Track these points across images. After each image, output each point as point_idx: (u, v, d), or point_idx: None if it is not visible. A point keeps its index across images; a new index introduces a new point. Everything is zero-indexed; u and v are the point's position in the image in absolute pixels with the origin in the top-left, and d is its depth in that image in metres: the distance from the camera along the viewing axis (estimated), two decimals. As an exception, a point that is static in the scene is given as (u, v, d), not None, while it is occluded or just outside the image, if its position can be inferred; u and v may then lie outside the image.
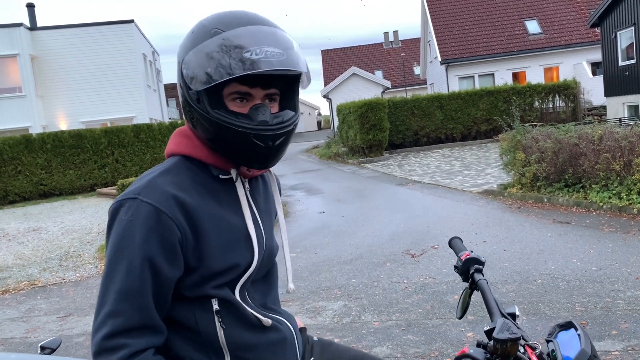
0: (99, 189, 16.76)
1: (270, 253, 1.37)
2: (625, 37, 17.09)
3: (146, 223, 1.13)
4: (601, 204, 7.79)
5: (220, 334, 1.22)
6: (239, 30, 1.15)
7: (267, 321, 1.28)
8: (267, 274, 1.39)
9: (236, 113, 1.19)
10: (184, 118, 1.30)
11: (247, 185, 1.33)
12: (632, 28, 16.44)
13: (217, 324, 1.22)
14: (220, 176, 1.28)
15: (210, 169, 1.27)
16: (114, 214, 1.18)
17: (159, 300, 1.17)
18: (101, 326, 1.12)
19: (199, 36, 1.19)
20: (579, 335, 1.11)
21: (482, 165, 14.19)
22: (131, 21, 25.13)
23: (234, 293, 1.25)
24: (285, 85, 1.28)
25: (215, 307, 1.22)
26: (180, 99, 1.26)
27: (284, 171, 18.68)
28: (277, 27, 1.22)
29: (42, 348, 1.78)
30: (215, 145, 1.23)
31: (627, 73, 16.99)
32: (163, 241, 1.14)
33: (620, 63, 17.36)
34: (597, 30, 19.84)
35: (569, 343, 1.11)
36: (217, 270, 1.21)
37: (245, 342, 1.25)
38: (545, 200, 8.79)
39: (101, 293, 1.15)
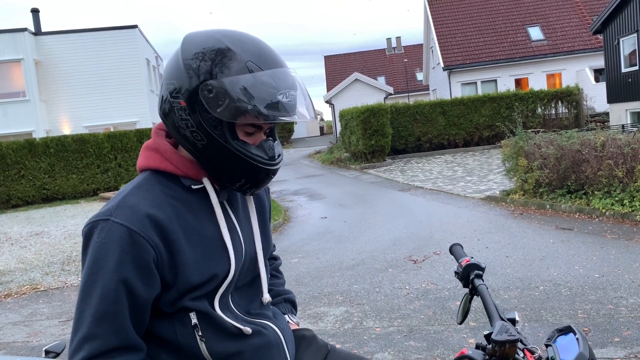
0: (102, 194, 16.81)
1: (253, 259, 1.36)
2: (628, 44, 17.10)
3: (119, 245, 1.13)
4: (604, 210, 7.78)
5: (202, 346, 1.23)
6: (273, 71, 1.19)
7: (247, 330, 1.27)
8: (255, 280, 1.38)
9: (250, 145, 1.23)
10: (169, 131, 1.27)
11: (222, 194, 1.33)
12: (635, 35, 16.45)
13: (197, 337, 1.23)
14: (192, 187, 1.27)
15: (181, 180, 1.27)
16: (87, 236, 1.17)
17: (136, 321, 1.17)
18: (77, 350, 1.11)
19: (229, 64, 1.17)
20: (577, 339, 1.12)
21: (485, 171, 14.19)
22: (135, 26, 25.25)
23: (212, 303, 1.25)
24: None
25: (194, 321, 1.23)
26: (177, 114, 1.21)
27: (286, 176, 18.71)
28: (287, 67, 1.26)
29: (47, 352, 1.79)
30: (213, 168, 1.24)
31: (629, 80, 16.99)
32: (137, 262, 1.14)
33: (623, 70, 17.36)
34: (600, 36, 19.85)
35: (567, 347, 1.12)
36: (194, 283, 1.20)
37: (229, 351, 1.26)
38: (548, 206, 8.79)
39: (76, 317, 1.14)
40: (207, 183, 1.28)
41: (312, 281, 6.01)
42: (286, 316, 1.57)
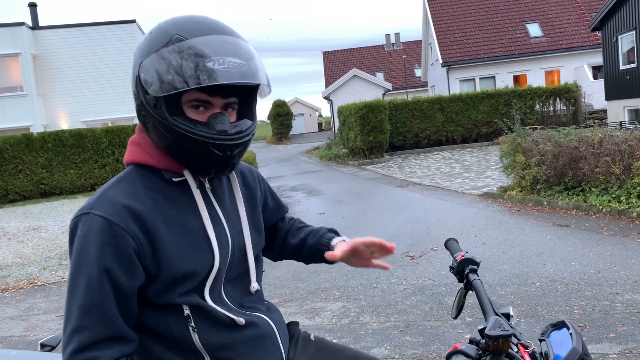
0: (100, 189, 16.78)
1: (242, 251, 1.36)
2: (626, 41, 17.11)
3: (100, 236, 1.14)
4: (601, 207, 7.80)
5: (195, 337, 1.24)
6: (202, 38, 1.15)
7: (240, 320, 1.28)
8: (247, 271, 1.38)
9: (195, 121, 1.19)
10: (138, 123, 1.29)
11: (207, 185, 1.33)
12: (634, 32, 16.46)
13: (190, 328, 1.24)
14: (173, 179, 1.27)
15: (162, 174, 1.27)
16: (72, 231, 1.19)
17: (124, 311, 1.17)
18: (69, 343, 1.13)
19: (159, 40, 1.18)
20: (570, 334, 1.13)
21: (482, 167, 14.20)
22: (133, 21, 25.19)
23: (203, 296, 1.25)
24: (244, 94, 1.29)
25: (186, 312, 1.23)
26: (135, 103, 1.24)
27: (284, 172, 18.71)
28: (239, 37, 1.22)
29: (42, 345, 1.79)
30: (171, 151, 1.23)
31: (627, 77, 17.01)
32: (118, 252, 1.15)
33: (621, 67, 17.38)
34: (599, 33, 19.86)
35: (561, 342, 1.13)
36: (178, 275, 1.21)
37: (222, 342, 1.26)
38: (545, 203, 8.80)
39: (66, 310, 1.16)
40: (188, 175, 1.28)
41: (309, 277, 6.03)
42: (335, 239, 1.51)
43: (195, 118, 1.20)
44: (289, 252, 1.63)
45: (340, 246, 1.44)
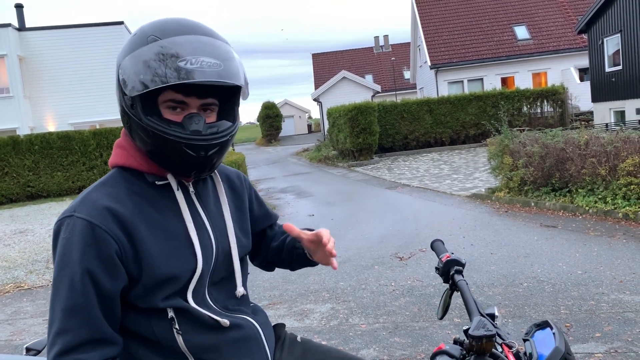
0: (87, 191, 16.63)
1: (227, 255, 1.35)
2: (612, 44, 17.31)
3: (82, 239, 1.15)
4: (587, 208, 7.88)
5: (179, 339, 1.24)
6: (176, 38, 1.16)
7: (224, 322, 1.28)
8: (232, 275, 1.37)
9: (169, 121, 1.19)
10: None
11: (191, 189, 1.33)
12: (619, 35, 16.65)
13: (174, 330, 1.23)
14: (156, 182, 1.27)
15: (146, 177, 1.27)
16: (55, 234, 1.20)
17: (107, 313, 1.17)
18: (53, 345, 1.13)
19: (137, 42, 1.19)
20: (554, 334, 1.14)
21: (471, 169, 14.28)
22: (121, 22, 25.05)
23: (186, 299, 1.24)
24: (224, 95, 1.28)
25: (170, 314, 1.23)
26: (119, 105, 1.25)
27: (274, 174, 18.69)
28: (217, 38, 1.22)
29: (28, 349, 1.78)
30: (150, 153, 1.23)
31: (613, 79, 17.20)
32: (100, 254, 1.15)
33: (607, 69, 17.58)
34: (585, 36, 20.07)
35: (544, 341, 1.15)
36: (160, 278, 1.20)
37: (206, 344, 1.26)
38: (532, 204, 8.88)
39: (50, 313, 1.16)
40: (171, 179, 1.28)
41: (298, 278, 6.02)
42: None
43: (170, 118, 1.20)
44: (273, 255, 1.61)
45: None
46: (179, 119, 1.21)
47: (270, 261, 1.64)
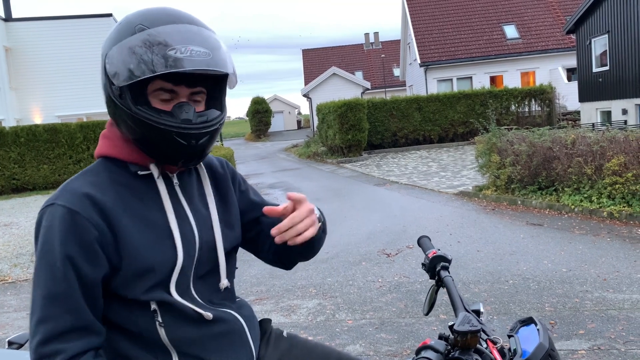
0: (74, 185, 16.48)
1: (211, 247, 1.33)
2: (599, 44, 17.47)
3: (62, 226, 1.14)
4: (573, 206, 7.96)
5: (162, 332, 1.23)
6: (164, 27, 1.15)
7: (207, 315, 1.27)
8: (216, 268, 1.35)
9: (159, 110, 1.19)
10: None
11: (175, 180, 1.32)
12: (606, 35, 16.81)
13: (157, 323, 1.23)
14: (138, 172, 1.27)
15: (128, 167, 1.27)
16: (38, 223, 1.19)
17: (89, 301, 1.16)
18: (35, 334, 1.12)
19: (124, 31, 1.18)
20: (538, 330, 1.15)
21: (459, 167, 14.36)
22: (109, 15, 24.81)
23: (169, 292, 1.23)
24: (212, 84, 1.28)
25: (153, 307, 1.22)
26: (104, 95, 1.24)
27: (262, 169, 18.65)
28: (204, 27, 1.22)
29: (10, 343, 1.76)
30: (139, 143, 1.23)
31: (600, 79, 17.37)
32: (81, 241, 1.14)
33: (594, 69, 17.74)
34: (573, 36, 20.24)
35: (528, 338, 1.15)
36: (140, 268, 1.19)
37: (189, 337, 1.25)
38: (519, 202, 8.95)
39: (31, 302, 1.15)
40: (153, 169, 1.27)
41: (286, 274, 6.02)
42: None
43: (160, 108, 1.20)
44: (274, 246, 1.46)
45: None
46: (168, 108, 1.20)
47: (276, 252, 1.49)
